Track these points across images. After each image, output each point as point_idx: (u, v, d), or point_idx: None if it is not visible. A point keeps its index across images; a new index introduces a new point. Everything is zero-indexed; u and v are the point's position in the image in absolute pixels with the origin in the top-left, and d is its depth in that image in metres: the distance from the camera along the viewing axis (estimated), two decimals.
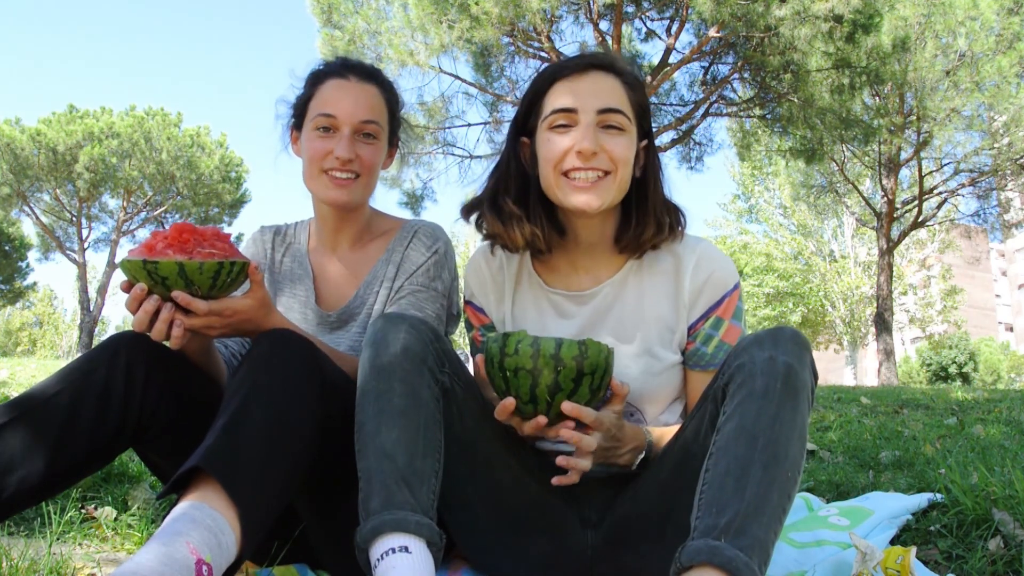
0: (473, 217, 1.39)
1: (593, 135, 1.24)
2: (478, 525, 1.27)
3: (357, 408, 1.12)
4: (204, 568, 0.92)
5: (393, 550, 0.99)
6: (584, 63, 1.29)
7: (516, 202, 1.33)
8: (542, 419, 1.13)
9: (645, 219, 1.32)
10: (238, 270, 1.21)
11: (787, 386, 1.02)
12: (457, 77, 11.07)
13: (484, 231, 1.37)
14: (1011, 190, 15.43)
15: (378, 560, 0.99)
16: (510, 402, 1.13)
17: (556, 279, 1.40)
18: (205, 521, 0.96)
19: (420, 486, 1.06)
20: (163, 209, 21.61)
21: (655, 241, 1.33)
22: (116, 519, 1.61)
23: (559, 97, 1.28)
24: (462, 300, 1.54)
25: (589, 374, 1.11)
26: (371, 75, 1.54)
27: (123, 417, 1.20)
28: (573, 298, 1.38)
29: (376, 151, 1.51)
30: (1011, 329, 51.24)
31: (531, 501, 1.28)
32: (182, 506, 0.98)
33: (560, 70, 1.30)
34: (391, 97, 1.57)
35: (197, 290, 1.18)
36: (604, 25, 10.58)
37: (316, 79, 1.54)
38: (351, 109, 1.47)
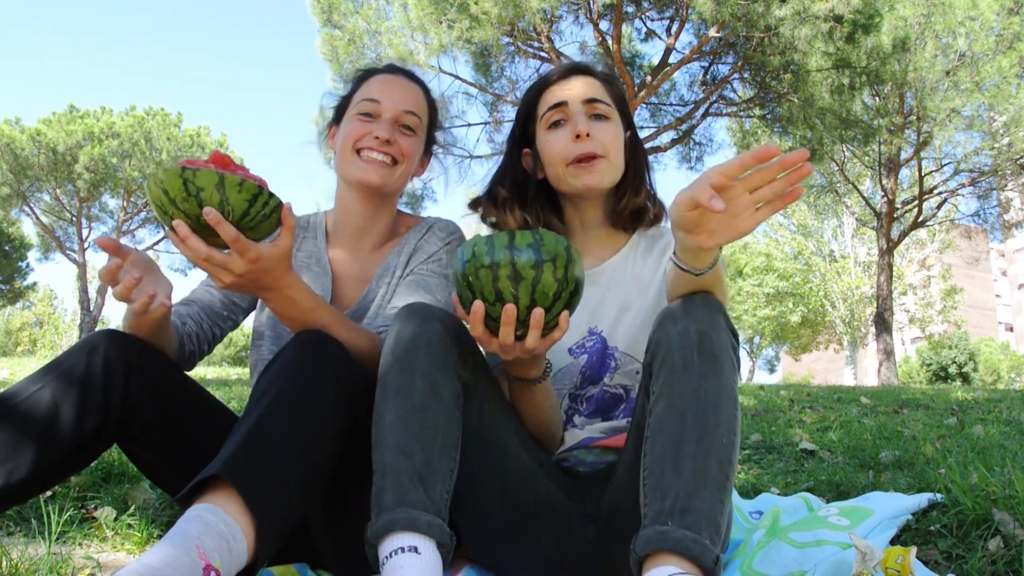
0: (479, 212, 1.53)
1: (584, 121, 1.40)
2: (485, 522, 1.27)
3: (377, 397, 1.10)
4: (213, 574, 0.91)
5: (403, 549, 0.98)
6: (565, 71, 1.46)
7: (511, 191, 1.49)
8: (510, 307, 1.06)
9: (627, 192, 1.47)
10: (274, 205, 1.13)
11: (704, 354, 1.02)
12: (457, 77, 11.08)
13: (487, 221, 1.51)
14: (1011, 190, 15.44)
15: (387, 558, 0.99)
16: (479, 306, 1.07)
17: None
18: (218, 526, 0.95)
19: (435, 484, 1.05)
20: None
21: (639, 204, 1.45)
22: (116, 519, 1.60)
23: (549, 99, 1.44)
24: None
25: (550, 261, 1.06)
26: (418, 80, 1.60)
27: (105, 412, 1.19)
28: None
29: (414, 144, 1.53)
30: (1011, 329, 51.25)
31: (539, 498, 1.28)
32: (195, 508, 0.97)
33: (545, 81, 1.47)
34: (432, 103, 1.62)
35: (230, 212, 1.08)
36: (604, 25, 10.58)
37: (363, 76, 1.59)
38: (396, 98, 1.51)
